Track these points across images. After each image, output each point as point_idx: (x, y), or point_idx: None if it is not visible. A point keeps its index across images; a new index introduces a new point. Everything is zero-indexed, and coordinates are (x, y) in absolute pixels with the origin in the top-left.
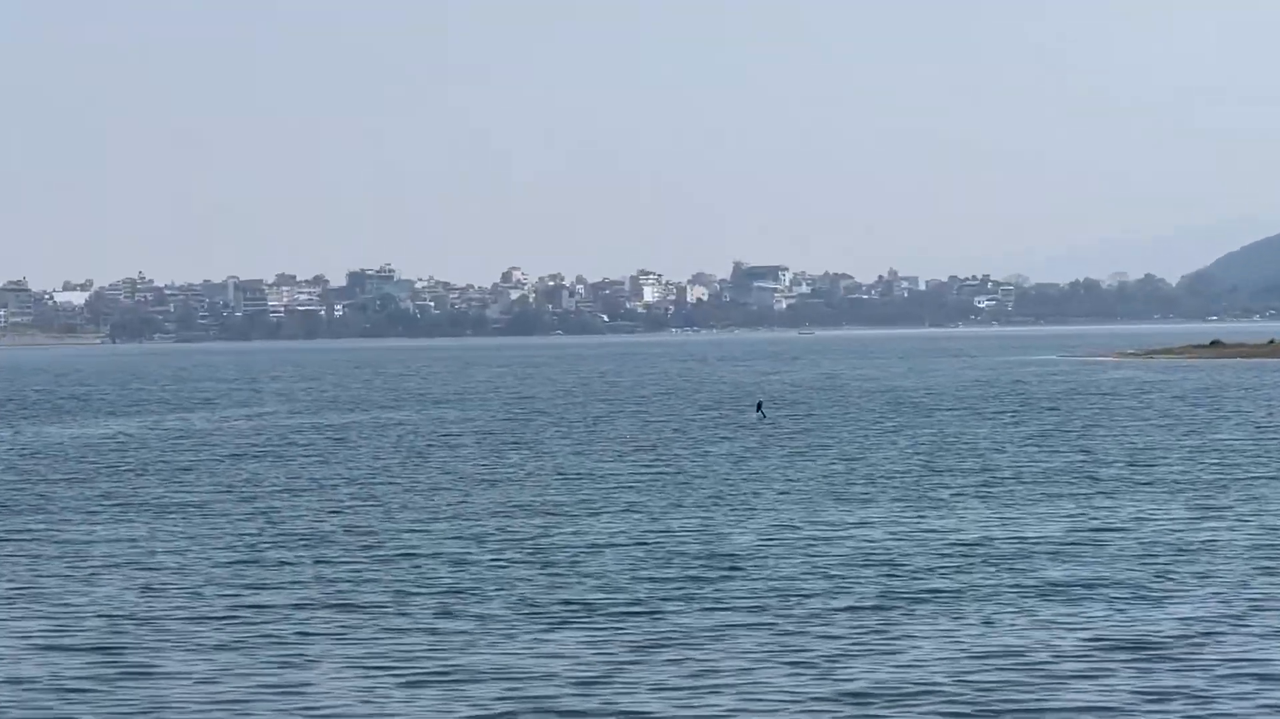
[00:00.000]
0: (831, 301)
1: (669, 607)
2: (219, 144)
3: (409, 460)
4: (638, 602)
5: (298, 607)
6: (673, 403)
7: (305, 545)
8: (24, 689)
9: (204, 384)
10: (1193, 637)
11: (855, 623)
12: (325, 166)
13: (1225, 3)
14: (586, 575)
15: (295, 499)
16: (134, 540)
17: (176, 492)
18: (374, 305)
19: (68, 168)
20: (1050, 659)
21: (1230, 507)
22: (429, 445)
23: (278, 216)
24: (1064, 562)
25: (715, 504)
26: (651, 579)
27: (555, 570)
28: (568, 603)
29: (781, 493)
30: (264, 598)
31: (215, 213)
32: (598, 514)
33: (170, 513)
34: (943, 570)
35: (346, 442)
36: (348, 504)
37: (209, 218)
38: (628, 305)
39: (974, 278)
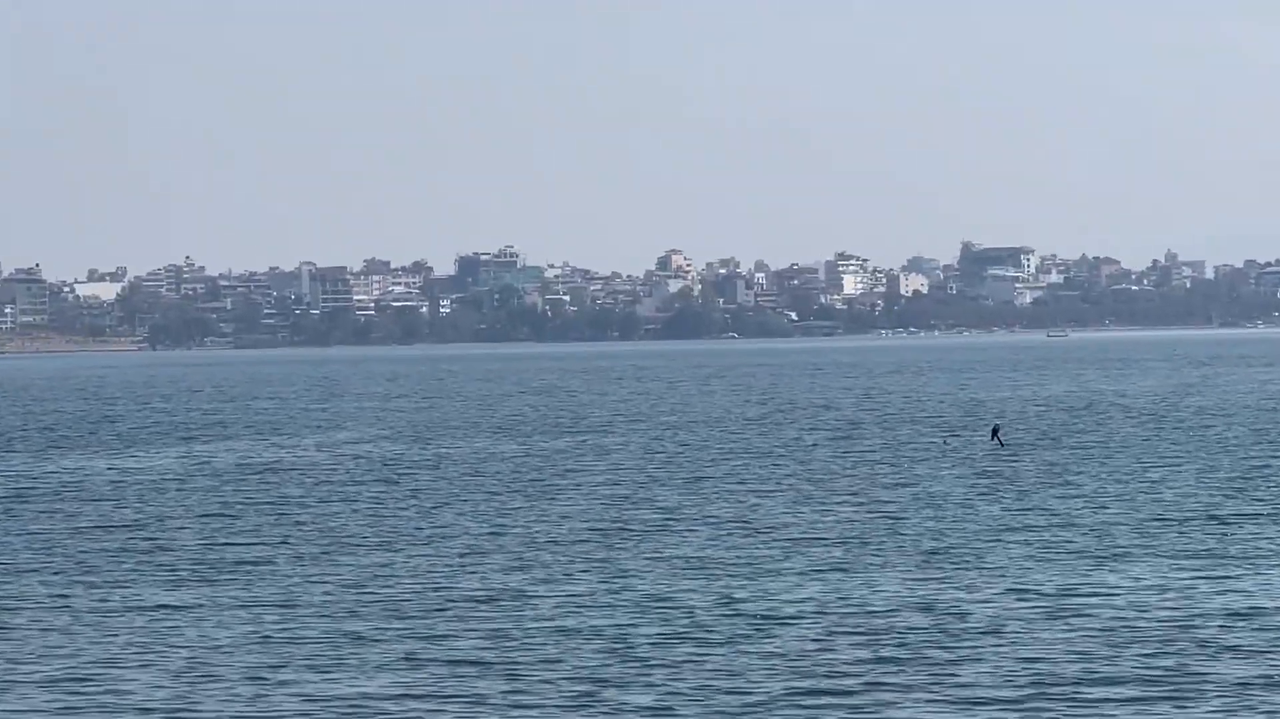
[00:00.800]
0: (1090, 294)
1: (880, 697)
2: (286, 94)
3: (536, 504)
4: (836, 691)
5: (393, 697)
6: (882, 428)
7: (399, 616)
8: None
9: (268, 403)
10: None
11: (1130, 717)
12: (425, 124)
13: None
14: (771, 655)
15: (388, 555)
16: (176, 609)
17: (231, 545)
18: (491, 300)
19: (92, 127)
20: None
21: None
22: (562, 483)
23: (365, 186)
24: None
25: (937, 561)
26: (856, 661)
27: (730, 647)
28: (746, 691)
29: (1026, 546)
30: (348, 686)
31: (283, 180)
32: (783, 574)
33: (223, 573)
34: (1244, 649)
35: (454, 478)
36: (457, 561)
37: (275, 187)
38: (822, 300)
39: (1277, 263)
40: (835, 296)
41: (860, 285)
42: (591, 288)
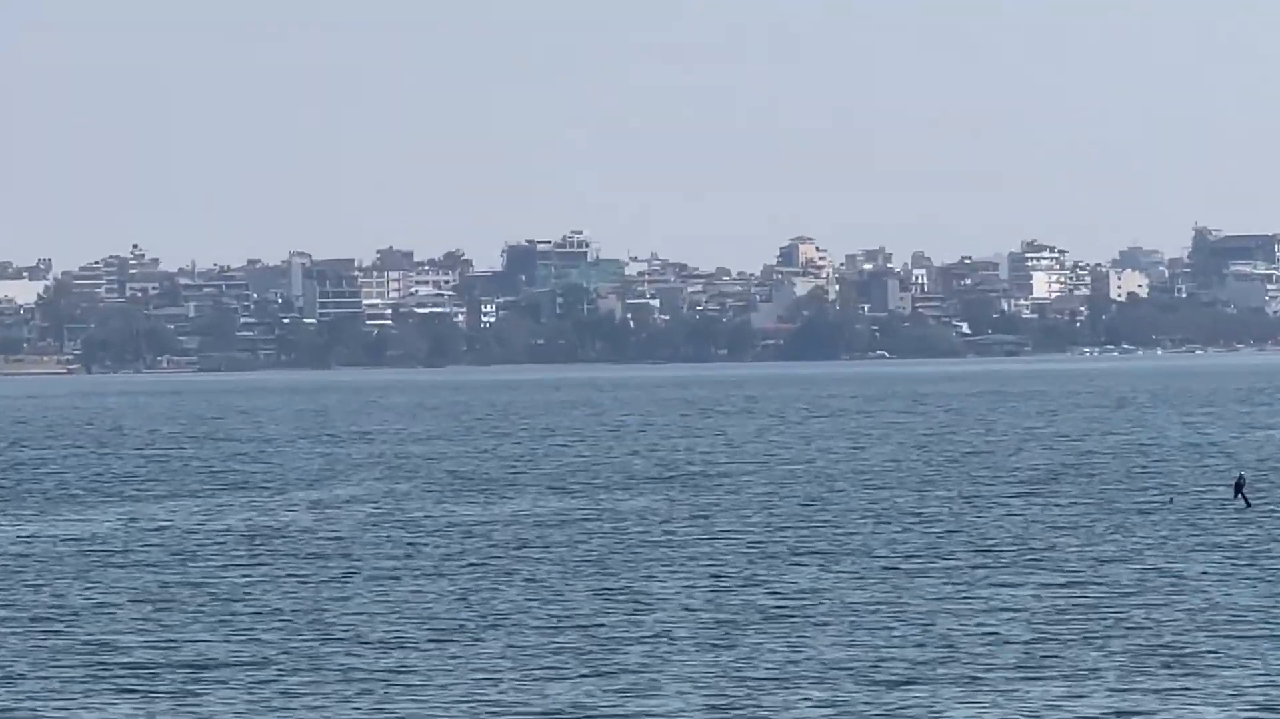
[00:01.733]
0: None
1: None
2: (266, 31)
3: (620, 586)
4: None
5: None
6: (1084, 481)
7: None
8: None
9: (245, 445)
10: None
11: None
12: (458, 68)
13: None
14: None
15: (404, 652)
16: None
17: (193, 641)
18: (552, 305)
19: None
20: None
21: None
22: (651, 557)
23: (377, 149)
24: None
25: (1160, 666)
26: None
27: None
28: None
29: None
30: None
31: (265, 143)
32: (946, 682)
33: (184, 681)
34: None
35: (493, 546)
36: (503, 664)
37: (254, 151)
38: (1004, 307)
39: None
40: (1021, 302)
41: (1056, 287)
42: (690, 290)
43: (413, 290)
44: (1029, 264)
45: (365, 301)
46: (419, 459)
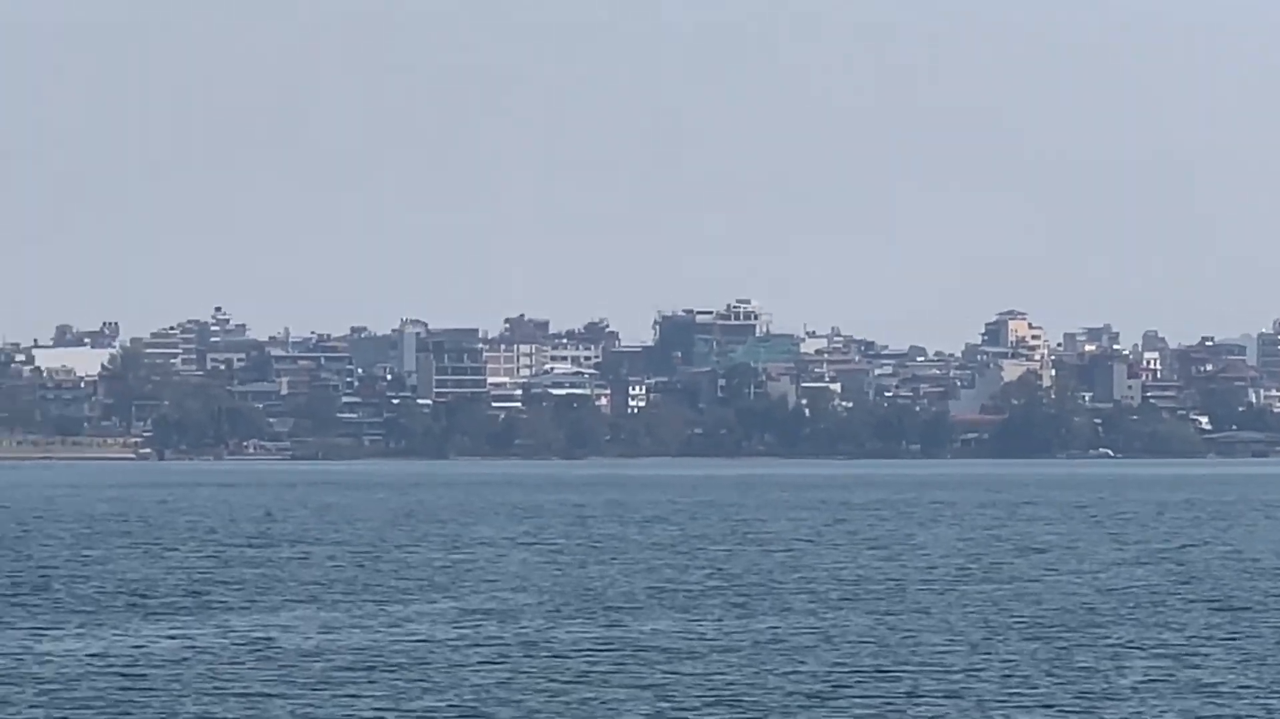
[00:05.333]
0: None
1: None
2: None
3: None
4: None
5: None
6: None
7: None
8: None
9: (333, 549)
10: None
11: None
12: (604, 106)
13: None
14: None
15: None
16: None
17: None
18: (713, 388)
19: (72, 112)
20: None
21: None
22: (813, 693)
23: (505, 204)
24: None
25: None
26: None
27: None
28: None
29: None
30: None
31: (375, 188)
32: None
33: None
34: None
35: (632, 678)
36: None
37: (363, 197)
38: (1252, 398)
39: None
40: (1273, 393)
41: None
42: (877, 372)
43: (547, 367)
44: None
45: (490, 380)
46: (536, 569)
